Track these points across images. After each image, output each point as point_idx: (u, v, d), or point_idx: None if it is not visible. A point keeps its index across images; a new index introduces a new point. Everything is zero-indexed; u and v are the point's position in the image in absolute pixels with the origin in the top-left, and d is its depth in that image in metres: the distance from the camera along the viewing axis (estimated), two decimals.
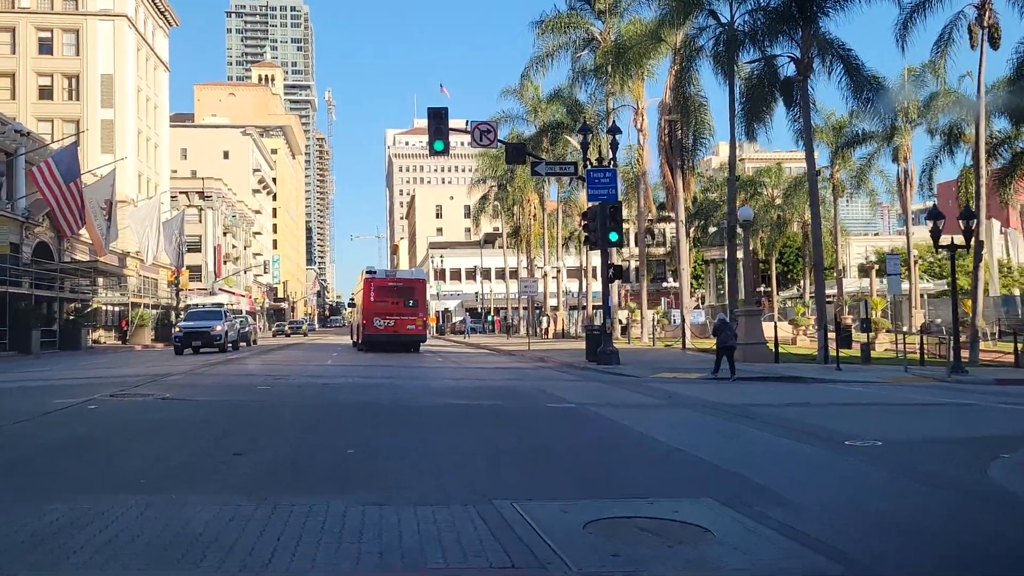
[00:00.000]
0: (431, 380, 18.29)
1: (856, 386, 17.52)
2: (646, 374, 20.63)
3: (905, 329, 42.11)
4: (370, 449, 8.24)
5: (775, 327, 25.90)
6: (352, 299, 64.33)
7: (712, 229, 71.20)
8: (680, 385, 17.27)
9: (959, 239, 21.34)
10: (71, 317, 47.08)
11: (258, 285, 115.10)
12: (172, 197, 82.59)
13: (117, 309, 57.08)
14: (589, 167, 23.87)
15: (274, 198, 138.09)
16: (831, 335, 25.38)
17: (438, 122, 22.74)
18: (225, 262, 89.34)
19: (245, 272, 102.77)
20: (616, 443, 9.20)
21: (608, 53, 37.76)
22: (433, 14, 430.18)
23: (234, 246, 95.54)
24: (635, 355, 27.88)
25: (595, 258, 67.38)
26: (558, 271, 53.89)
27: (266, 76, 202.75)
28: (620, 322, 47.07)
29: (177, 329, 35.81)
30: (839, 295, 57.85)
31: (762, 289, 70.10)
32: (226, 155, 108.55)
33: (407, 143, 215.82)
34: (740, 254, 31.47)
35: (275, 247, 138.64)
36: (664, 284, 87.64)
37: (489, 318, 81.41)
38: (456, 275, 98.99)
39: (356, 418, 10.91)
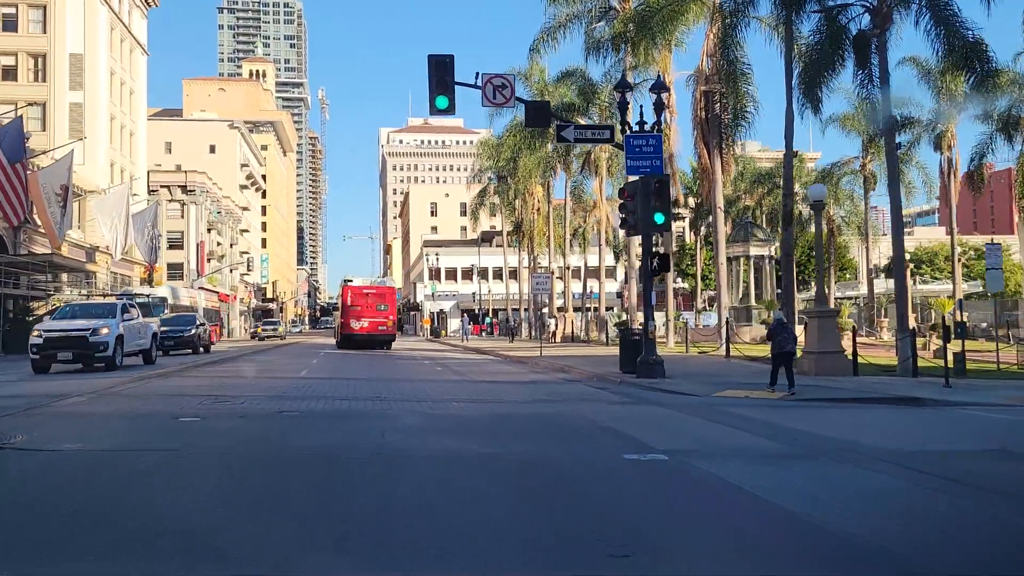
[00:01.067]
0: (434, 403, 13.51)
1: (1003, 412, 12.91)
2: (707, 391, 16.00)
3: None
4: None
5: (854, 333, 21.27)
6: (335, 304, 68.47)
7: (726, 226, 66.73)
8: (774, 412, 12.61)
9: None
10: (28, 318, 42.26)
11: (245, 284, 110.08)
12: (152, 191, 78.11)
13: None
14: (628, 132, 19.23)
15: (263, 195, 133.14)
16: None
17: (442, 73, 18.05)
18: (209, 260, 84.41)
19: (232, 271, 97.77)
20: None
21: (629, 20, 33.17)
22: (426, 12, 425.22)
23: (219, 243, 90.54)
24: (673, 364, 23.11)
25: (609, 255, 62.77)
26: (566, 269, 49.15)
27: (257, 71, 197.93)
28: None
29: (36, 334, 22.14)
30: (870, 296, 53.46)
31: (779, 291, 65.57)
32: (212, 149, 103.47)
33: (401, 141, 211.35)
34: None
35: (264, 246, 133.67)
36: (674, 285, 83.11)
37: (488, 320, 76.67)
38: (452, 275, 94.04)
39: (311, 491, 6.21)
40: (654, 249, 19.31)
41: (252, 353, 36.18)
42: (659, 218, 18.50)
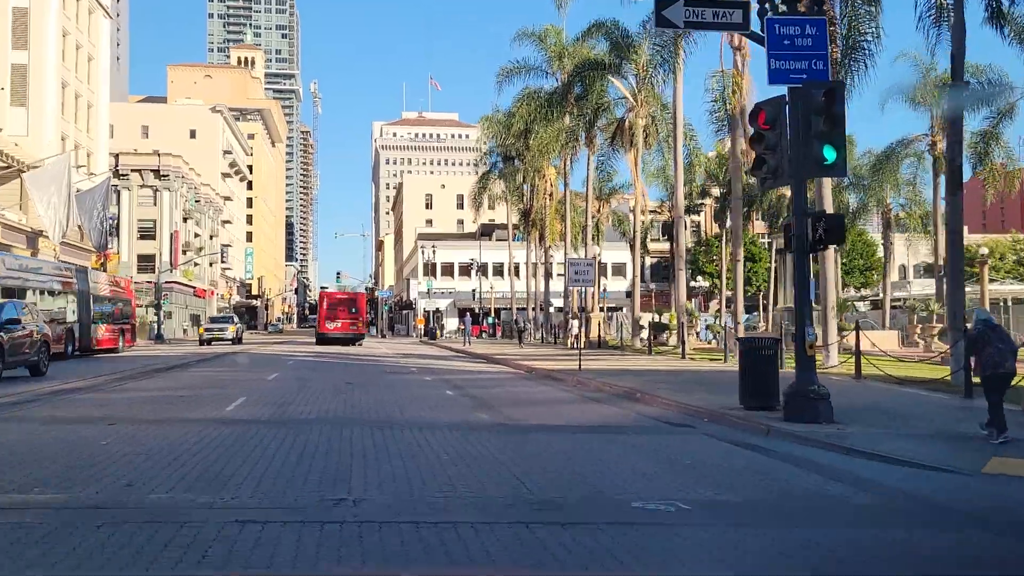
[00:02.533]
0: (476, 532, 5.61)
1: None
2: (955, 461, 8.61)
3: None
4: None
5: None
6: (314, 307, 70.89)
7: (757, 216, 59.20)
8: None
9: None
10: None
11: (226, 279, 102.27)
12: (123, 175, 70.69)
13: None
14: (769, 15, 11.72)
15: (249, 186, 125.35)
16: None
17: None
18: (185, 251, 76.68)
19: (211, 264, 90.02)
20: None
21: None
22: (423, 3, 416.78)
23: (197, 234, 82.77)
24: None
25: (623, 247, 54.91)
26: (594, 259, 41.55)
27: (246, 59, 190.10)
28: (642, 328, 35.26)
29: None
30: (937, 298, 46.16)
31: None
32: (192, 134, 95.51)
33: (395, 134, 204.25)
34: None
35: (249, 239, 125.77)
36: (692, 284, 75.75)
37: (490, 320, 69.18)
38: (448, 270, 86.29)
39: None
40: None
41: (173, 367, 24.68)
42: (829, 153, 11.03)
